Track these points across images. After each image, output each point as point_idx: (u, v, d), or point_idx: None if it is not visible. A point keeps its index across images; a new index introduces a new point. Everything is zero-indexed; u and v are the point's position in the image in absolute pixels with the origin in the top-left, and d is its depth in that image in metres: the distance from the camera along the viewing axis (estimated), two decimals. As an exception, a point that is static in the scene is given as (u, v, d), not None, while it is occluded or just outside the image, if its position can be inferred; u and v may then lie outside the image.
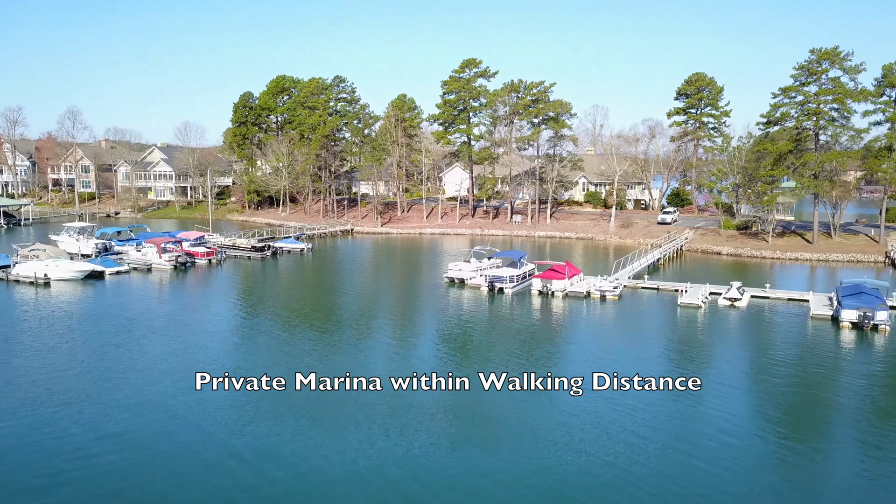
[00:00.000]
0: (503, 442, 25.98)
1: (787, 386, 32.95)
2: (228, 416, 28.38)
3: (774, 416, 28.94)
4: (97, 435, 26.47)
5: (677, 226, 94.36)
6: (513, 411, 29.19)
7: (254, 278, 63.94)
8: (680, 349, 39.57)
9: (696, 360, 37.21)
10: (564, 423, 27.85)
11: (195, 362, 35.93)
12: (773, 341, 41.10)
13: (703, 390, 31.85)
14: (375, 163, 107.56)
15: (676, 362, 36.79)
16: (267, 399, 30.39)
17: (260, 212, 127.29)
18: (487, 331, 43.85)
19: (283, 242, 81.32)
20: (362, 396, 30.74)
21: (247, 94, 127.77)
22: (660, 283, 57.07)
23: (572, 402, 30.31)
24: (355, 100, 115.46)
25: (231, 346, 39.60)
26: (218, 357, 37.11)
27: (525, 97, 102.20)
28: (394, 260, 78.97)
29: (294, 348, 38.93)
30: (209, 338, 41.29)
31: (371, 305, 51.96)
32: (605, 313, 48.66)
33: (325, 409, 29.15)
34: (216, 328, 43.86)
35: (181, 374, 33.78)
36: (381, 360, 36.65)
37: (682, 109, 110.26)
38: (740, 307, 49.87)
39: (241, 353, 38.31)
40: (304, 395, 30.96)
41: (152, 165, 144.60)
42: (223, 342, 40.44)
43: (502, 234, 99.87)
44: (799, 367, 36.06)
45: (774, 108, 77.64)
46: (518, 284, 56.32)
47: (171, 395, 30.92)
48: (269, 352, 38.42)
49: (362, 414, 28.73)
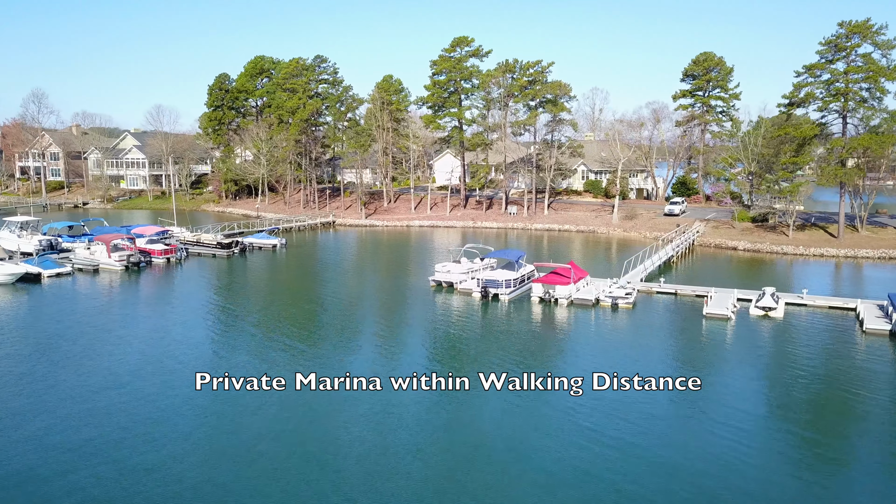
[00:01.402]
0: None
1: (862, 432, 25.68)
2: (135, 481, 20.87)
3: (860, 478, 21.68)
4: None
5: (686, 217, 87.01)
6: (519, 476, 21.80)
7: (214, 281, 56.16)
8: (717, 379, 32.18)
9: (741, 397, 29.83)
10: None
11: (110, 406, 28.32)
12: (828, 366, 33.75)
13: (758, 441, 24.54)
14: (359, 149, 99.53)
15: (717, 401, 29.40)
16: (199, 450, 22.89)
17: (238, 202, 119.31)
18: (477, 351, 36.30)
19: (254, 238, 73.51)
20: (321, 445, 23.29)
21: (223, 75, 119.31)
22: (678, 288, 49.69)
23: (596, 464, 22.95)
24: (338, 81, 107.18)
25: (156, 383, 31.95)
26: (131, 400, 29.52)
27: (521, 78, 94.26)
28: (376, 257, 71.32)
29: (242, 371, 31.39)
30: (133, 364, 33.64)
31: (343, 316, 44.33)
32: (617, 326, 41.25)
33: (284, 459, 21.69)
34: (145, 352, 36.18)
35: (76, 426, 26.17)
36: (344, 397, 29.13)
37: (689, 92, 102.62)
38: (776, 318, 42.55)
39: (169, 393, 30.71)
40: (246, 440, 23.50)
41: (124, 153, 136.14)
42: (145, 373, 32.82)
43: (496, 227, 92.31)
44: (867, 403, 28.75)
45: (797, 88, 70.05)
46: (515, 290, 48.83)
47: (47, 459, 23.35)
48: (207, 397, 30.82)
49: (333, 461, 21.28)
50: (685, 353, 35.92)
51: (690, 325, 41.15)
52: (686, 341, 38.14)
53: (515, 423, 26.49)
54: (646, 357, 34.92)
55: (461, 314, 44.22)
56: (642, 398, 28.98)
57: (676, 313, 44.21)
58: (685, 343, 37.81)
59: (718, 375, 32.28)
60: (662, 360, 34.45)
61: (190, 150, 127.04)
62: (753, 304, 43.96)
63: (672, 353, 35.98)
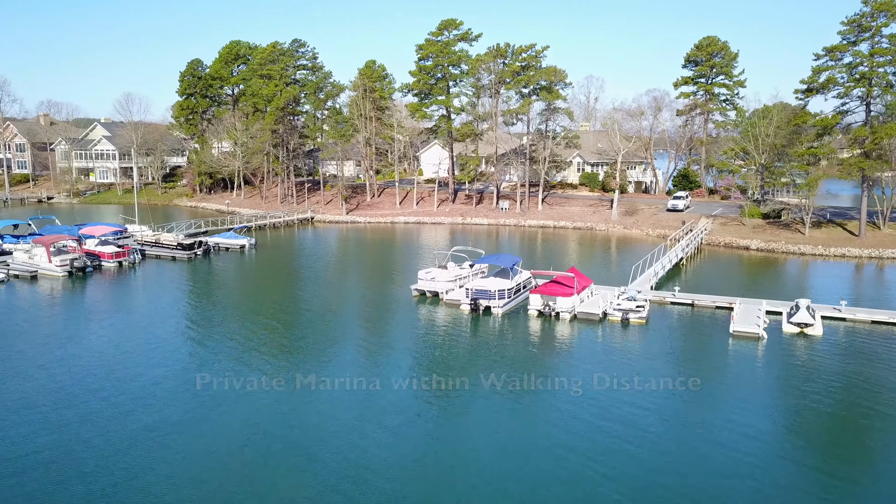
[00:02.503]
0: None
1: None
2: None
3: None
4: None
5: (690, 213, 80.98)
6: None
7: (167, 290, 49.42)
8: (767, 428, 26.02)
9: (805, 451, 23.70)
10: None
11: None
12: (893, 402, 27.69)
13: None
14: (340, 139, 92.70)
15: (773, 458, 23.25)
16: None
17: (212, 196, 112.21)
18: (461, 383, 29.95)
19: (220, 237, 66.73)
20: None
21: (195, 61, 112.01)
22: (695, 298, 43.49)
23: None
24: (317, 67, 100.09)
25: (53, 423, 25.43)
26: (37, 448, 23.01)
27: (513, 63, 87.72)
28: (355, 260, 64.75)
29: (178, 413, 24.97)
30: (38, 405, 27.09)
31: (305, 335, 37.84)
32: (630, 348, 35.01)
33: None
34: (61, 388, 29.60)
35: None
36: (301, 432, 22.77)
37: (691, 79, 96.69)
38: (814, 336, 36.48)
39: (72, 434, 24.20)
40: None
41: (93, 144, 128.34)
42: (49, 415, 26.28)
43: (487, 224, 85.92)
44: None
45: (817, 73, 63.93)
46: (510, 301, 42.48)
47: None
48: (143, 447, 24.33)
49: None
50: (719, 388, 29.70)
51: (716, 347, 34.97)
52: (716, 370, 31.91)
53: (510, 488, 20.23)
54: (671, 396, 28.69)
55: (446, 332, 37.86)
56: (675, 461, 22.78)
57: (697, 331, 38.03)
58: (715, 372, 31.57)
59: (767, 420, 26.12)
60: (692, 400, 28.24)
61: (161, 141, 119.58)
62: (786, 320, 37.86)
63: (703, 389, 29.74)
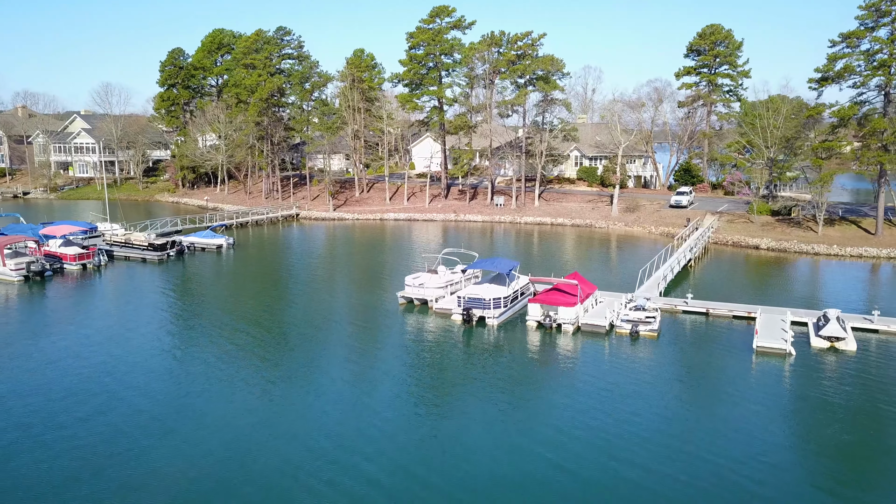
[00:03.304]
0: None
1: None
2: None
3: None
4: None
5: (694, 209, 77.05)
6: None
7: (130, 298, 45.16)
8: (804, 469, 22.12)
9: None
10: None
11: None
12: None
13: None
14: (326, 132, 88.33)
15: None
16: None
17: (195, 191, 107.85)
18: (450, 410, 25.95)
19: (196, 236, 62.46)
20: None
21: (176, 50, 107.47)
22: (709, 306, 39.56)
23: None
24: (303, 56, 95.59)
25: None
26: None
27: (508, 52, 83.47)
28: (339, 261, 60.55)
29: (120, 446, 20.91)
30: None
31: (279, 355, 33.74)
32: (641, 367, 31.04)
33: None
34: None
35: None
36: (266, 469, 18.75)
37: (694, 69, 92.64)
38: (847, 352, 32.60)
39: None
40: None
41: (72, 136, 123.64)
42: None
43: (481, 220, 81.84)
44: None
45: (832, 61, 59.99)
46: (507, 310, 38.45)
47: None
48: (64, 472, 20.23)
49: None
50: (745, 417, 25.75)
51: (738, 367, 31.02)
52: (740, 395, 27.94)
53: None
54: (690, 428, 24.76)
55: (434, 348, 33.82)
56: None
57: (715, 345, 34.07)
58: (739, 397, 27.61)
59: (803, 456, 22.21)
60: (716, 434, 24.30)
61: (142, 134, 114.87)
62: (814, 332, 34.00)
63: (727, 419, 25.81)
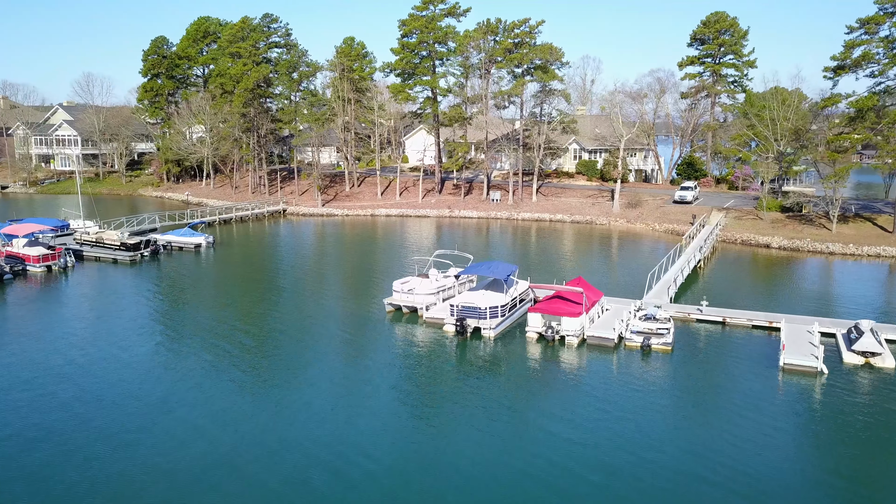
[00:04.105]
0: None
1: None
2: None
3: None
4: None
5: (699, 205, 73.65)
6: None
7: (94, 304, 41.50)
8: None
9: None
10: None
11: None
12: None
13: None
14: (314, 124, 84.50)
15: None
16: None
17: (180, 185, 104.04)
18: (440, 442, 22.47)
19: (173, 235, 58.76)
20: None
21: (160, 38, 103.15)
22: (726, 314, 36.12)
23: None
24: (291, 45, 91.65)
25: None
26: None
27: (505, 40, 79.83)
28: (326, 261, 56.94)
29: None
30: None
31: (249, 373, 30.21)
32: (654, 388, 27.58)
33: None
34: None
35: None
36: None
37: (698, 58, 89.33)
38: (885, 369, 29.22)
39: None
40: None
41: (54, 129, 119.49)
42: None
43: (476, 217, 78.27)
44: None
45: (849, 48, 56.50)
46: (505, 320, 34.92)
47: None
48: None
49: None
50: (777, 457, 22.36)
51: (765, 388, 27.57)
52: (770, 425, 24.51)
53: None
54: (715, 467, 21.34)
55: (423, 364, 30.30)
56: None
57: (735, 361, 30.63)
58: (769, 428, 24.18)
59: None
60: (748, 476, 20.89)
61: (125, 126, 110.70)
62: (847, 347, 30.63)
63: (757, 460, 22.42)
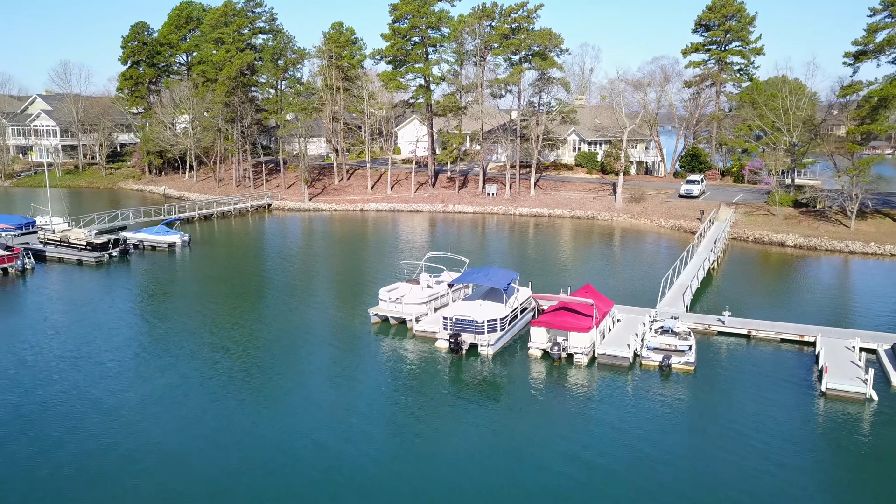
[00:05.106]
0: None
1: None
2: None
3: None
4: None
5: (706, 199, 69.91)
6: None
7: (50, 314, 37.45)
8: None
9: None
10: None
11: None
12: None
13: None
14: (301, 113, 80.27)
15: None
16: None
17: (163, 178, 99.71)
18: (427, 488, 18.66)
19: (146, 233, 54.66)
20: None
21: (140, 24, 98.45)
22: (752, 326, 32.35)
23: None
24: (276, 30, 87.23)
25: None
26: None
27: (501, 26, 75.69)
28: (309, 262, 52.89)
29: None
30: None
31: (209, 400, 26.31)
32: (679, 420, 23.80)
33: None
34: None
35: None
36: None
37: (703, 45, 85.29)
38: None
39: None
40: None
41: (32, 119, 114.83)
42: None
43: (472, 212, 74.33)
44: None
45: (872, 32, 52.65)
46: (505, 334, 31.04)
47: None
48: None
49: None
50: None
51: (806, 421, 23.83)
52: (818, 471, 20.81)
53: None
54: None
55: (411, 387, 26.44)
56: None
57: (769, 383, 26.86)
58: (820, 474, 20.47)
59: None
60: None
61: (105, 116, 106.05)
62: (895, 367, 26.90)
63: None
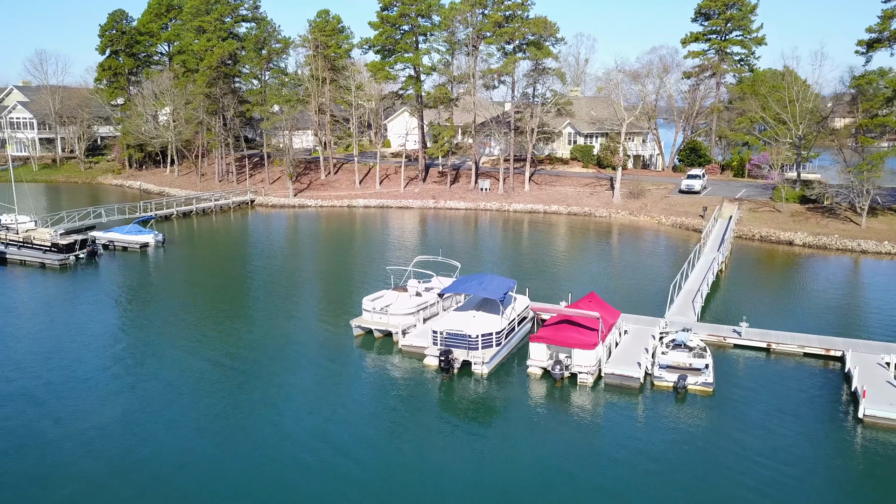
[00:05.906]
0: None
1: None
2: None
3: None
4: None
5: (708, 195, 67.18)
6: None
7: (3, 325, 34.26)
8: None
9: None
10: None
11: None
12: None
13: None
14: (286, 105, 76.89)
15: None
16: None
17: (143, 172, 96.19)
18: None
19: (117, 232, 51.35)
20: None
21: (118, 12, 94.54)
22: (770, 338, 29.51)
23: None
24: (259, 18, 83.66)
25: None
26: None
27: (495, 13, 72.44)
28: (290, 265, 49.70)
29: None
30: None
31: (184, 416, 23.23)
32: (698, 454, 20.94)
33: None
34: None
35: None
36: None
37: (702, 35, 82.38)
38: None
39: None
40: None
41: (8, 111, 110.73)
42: None
43: (464, 208, 71.30)
44: None
45: (887, 19, 49.83)
46: (501, 349, 28.07)
47: None
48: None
49: None
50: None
51: (844, 456, 21.03)
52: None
53: None
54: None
55: (397, 413, 23.45)
56: None
57: (794, 407, 24.04)
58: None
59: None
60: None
61: (84, 108, 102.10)
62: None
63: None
